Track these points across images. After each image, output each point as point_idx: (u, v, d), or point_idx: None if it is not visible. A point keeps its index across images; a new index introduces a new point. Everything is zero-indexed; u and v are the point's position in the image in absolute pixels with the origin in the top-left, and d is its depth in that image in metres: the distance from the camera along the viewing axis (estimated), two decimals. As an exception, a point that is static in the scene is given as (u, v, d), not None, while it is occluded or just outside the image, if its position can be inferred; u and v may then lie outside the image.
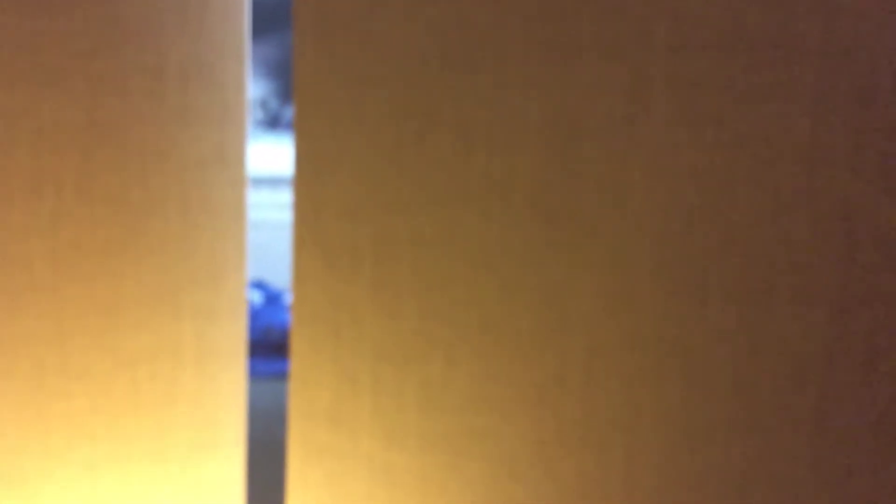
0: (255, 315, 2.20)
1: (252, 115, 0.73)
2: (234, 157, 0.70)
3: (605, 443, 0.58)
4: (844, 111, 0.51)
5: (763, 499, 0.56)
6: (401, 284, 0.60)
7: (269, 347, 2.09)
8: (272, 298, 2.31)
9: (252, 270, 0.96)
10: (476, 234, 0.58)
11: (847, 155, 0.52)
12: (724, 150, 0.54)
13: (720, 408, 0.56)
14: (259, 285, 2.33)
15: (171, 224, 0.67)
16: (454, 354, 0.59)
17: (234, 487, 0.71)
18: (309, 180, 0.61)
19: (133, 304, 0.66)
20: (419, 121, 0.59)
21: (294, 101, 0.63)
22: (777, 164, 0.53)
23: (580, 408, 0.58)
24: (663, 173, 0.55)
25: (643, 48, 0.54)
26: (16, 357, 0.64)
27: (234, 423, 0.71)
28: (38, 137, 0.63)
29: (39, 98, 0.62)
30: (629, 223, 0.56)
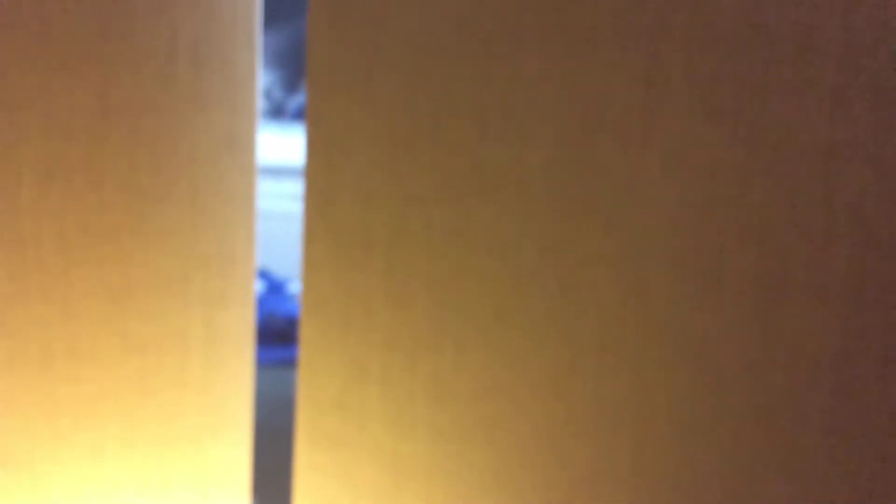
0: (257, 303, 2.20)
1: (258, 103, 0.73)
2: (244, 144, 0.69)
3: (615, 434, 0.58)
4: (862, 107, 0.51)
5: (773, 493, 0.56)
6: (413, 273, 0.59)
7: (271, 335, 2.09)
8: (275, 287, 2.31)
9: (256, 259, 0.95)
10: (490, 223, 0.58)
11: (864, 151, 0.52)
12: (740, 143, 0.53)
13: (732, 401, 0.55)
14: (262, 274, 2.33)
15: (181, 209, 0.67)
16: (465, 344, 0.59)
17: (240, 473, 0.71)
18: (321, 167, 0.61)
19: (142, 290, 0.66)
20: (434, 109, 0.59)
21: (307, 87, 0.62)
22: (794, 159, 0.53)
23: (591, 398, 0.58)
24: (679, 166, 0.54)
25: (661, 40, 0.54)
26: (24, 340, 0.63)
27: (241, 409, 0.71)
28: (49, 121, 0.63)
29: (51, 81, 0.62)
30: (644, 215, 0.55)
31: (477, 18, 0.57)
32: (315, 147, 0.61)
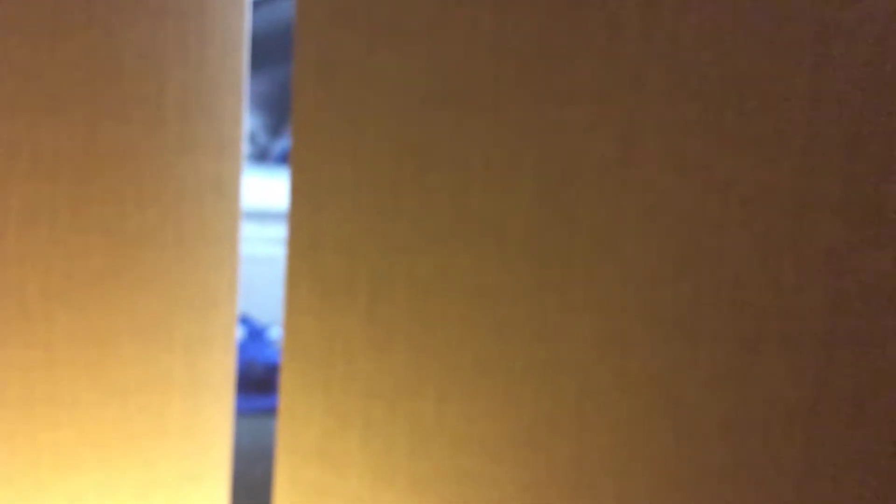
0: (237, 349, 2.17)
1: (243, 148, 0.74)
2: (229, 189, 0.70)
3: (596, 486, 0.58)
4: (833, 158, 0.52)
5: (750, 544, 0.56)
6: (394, 321, 0.60)
7: (250, 384, 2.07)
8: (255, 333, 2.29)
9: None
10: (470, 273, 0.58)
11: (835, 202, 0.53)
12: (713, 196, 0.54)
13: (710, 451, 0.56)
14: (242, 319, 2.31)
15: (166, 254, 0.67)
16: (446, 393, 0.59)
17: (218, 522, 0.70)
18: (304, 214, 0.61)
19: (125, 335, 0.66)
20: (416, 160, 0.59)
21: (292, 135, 0.63)
22: (766, 210, 0.54)
23: (571, 450, 0.58)
24: (654, 218, 0.55)
25: (635, 93, 0.55)
26: (4, 385, 0.63)
27: (220, 454, 0.70)
28: (36, 165, 0.63)
29: (38, 125, 0.63)
30: (620, 267, 0.56)
31: (460, 72, 0.58)
32: (299, 194, 0.62)
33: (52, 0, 0.62)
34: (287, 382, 0.62)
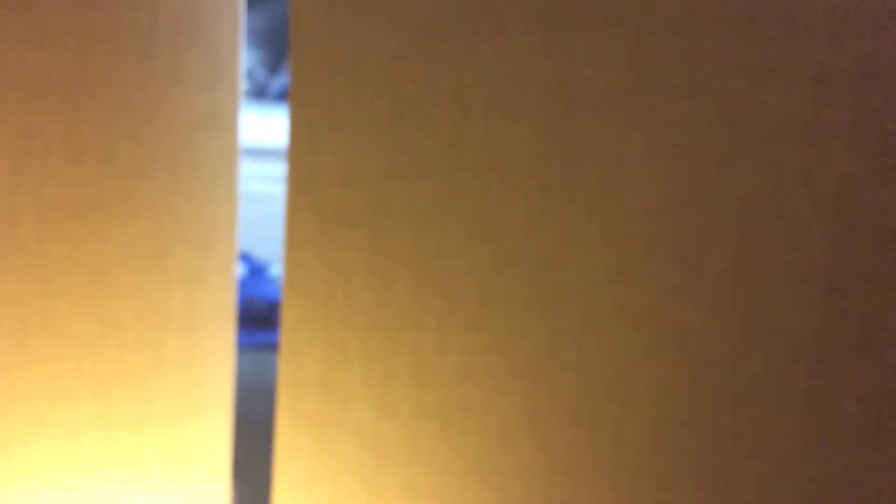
0: (238, 286, 2.18)
1: (240, 83, 0.72)
2: (226, 122, 0.69)
3: (596, 416, 0.58)
4: (845, 89, 0.51)
5: (753, 475, 0.56)
6: (396, 252, 0.59)
7: (251, 319, 2.09)
8: (256, 270, 2.30)
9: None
10: (473, 203, 0.58)
11: (846, 133, 0.52)
12: (723, 125, 0.53)
13: (712, 383, 0.56)
14: (243, 257, 2.32)
15: (161, 186, 0.66)
16: (447, 324, 0.59)
17: (219, 454, 0.71)
18: (304, 146, 0.61)
19: (121, 267, 0.65)
20: (417, 88, 0.58)
21: (290, 68, 0.62)
22: (776, 141, 0.53)
23: (573, 380, 0.58)
24: (662, 147, 0.54)
25: (646, 19, 0.54)
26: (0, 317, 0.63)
27: (220, 390, 0.70)
28: (28, 94, 0.62)
29: (30, 53, 0.61)
30: (626, 196, 0.55)
31: (463, -4, 0.57)
32: (298, 125, 0.61)
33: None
34: (288, 316, 0.62)
